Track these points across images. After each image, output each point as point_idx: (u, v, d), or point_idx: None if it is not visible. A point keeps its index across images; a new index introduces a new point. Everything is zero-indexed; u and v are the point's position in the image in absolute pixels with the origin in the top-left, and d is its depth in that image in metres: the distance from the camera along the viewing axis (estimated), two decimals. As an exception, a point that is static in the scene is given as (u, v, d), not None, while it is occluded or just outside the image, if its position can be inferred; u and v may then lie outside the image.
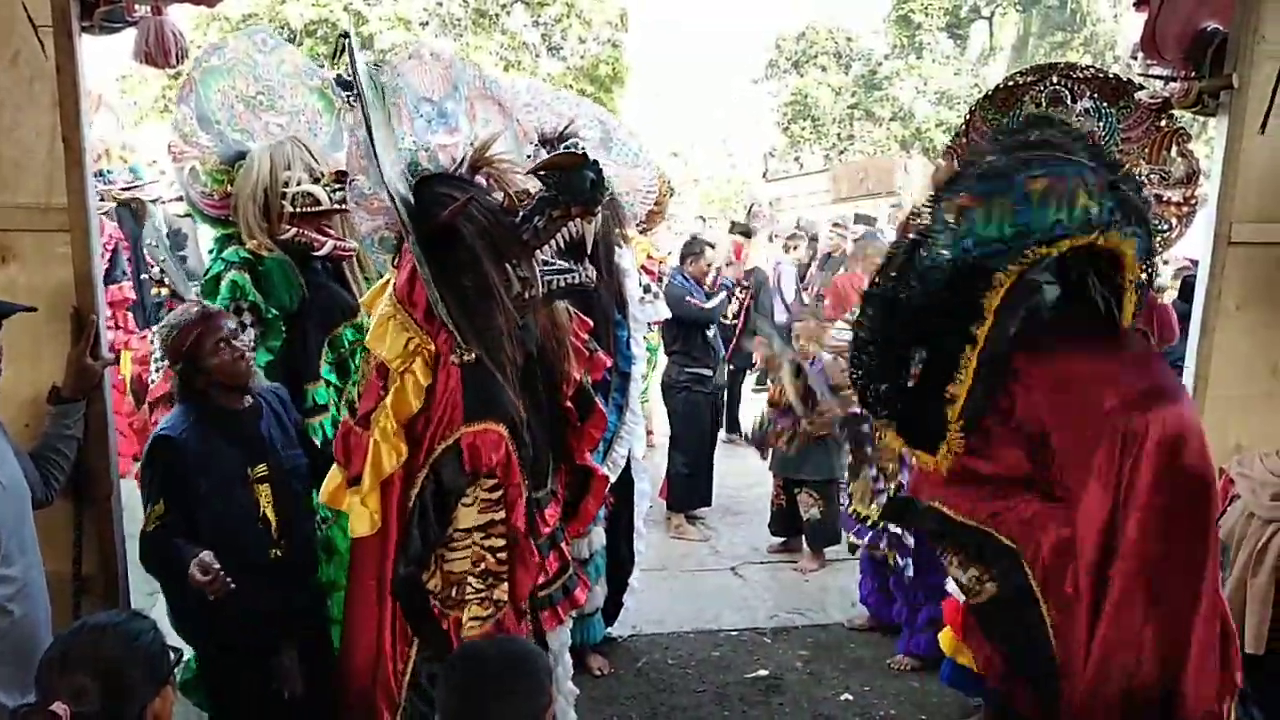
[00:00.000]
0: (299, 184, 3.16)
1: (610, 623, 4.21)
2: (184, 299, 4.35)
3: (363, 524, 2.48)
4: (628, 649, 4.34)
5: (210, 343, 2.61)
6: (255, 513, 2.64)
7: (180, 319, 2.68)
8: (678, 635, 4.50)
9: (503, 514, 2.47)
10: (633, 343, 3.93)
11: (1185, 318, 3.35)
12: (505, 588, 2.50)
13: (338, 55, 2.50)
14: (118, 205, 5.36)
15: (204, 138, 3.29)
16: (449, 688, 1.83)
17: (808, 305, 6.95)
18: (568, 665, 3.06)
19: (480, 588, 2.46)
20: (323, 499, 2.62)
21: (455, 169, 2.59)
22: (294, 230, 3.19)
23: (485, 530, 2.46)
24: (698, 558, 5.63)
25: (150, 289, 5.51)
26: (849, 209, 12.62)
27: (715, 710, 3.82)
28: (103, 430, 2.76)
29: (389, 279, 2.65)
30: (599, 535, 3.86)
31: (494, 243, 2.42)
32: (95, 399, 2.71)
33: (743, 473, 7.23)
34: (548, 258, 2.63)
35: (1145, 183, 2.86)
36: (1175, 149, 3.04)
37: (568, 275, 2.59)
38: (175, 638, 2.28)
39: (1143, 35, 3.19)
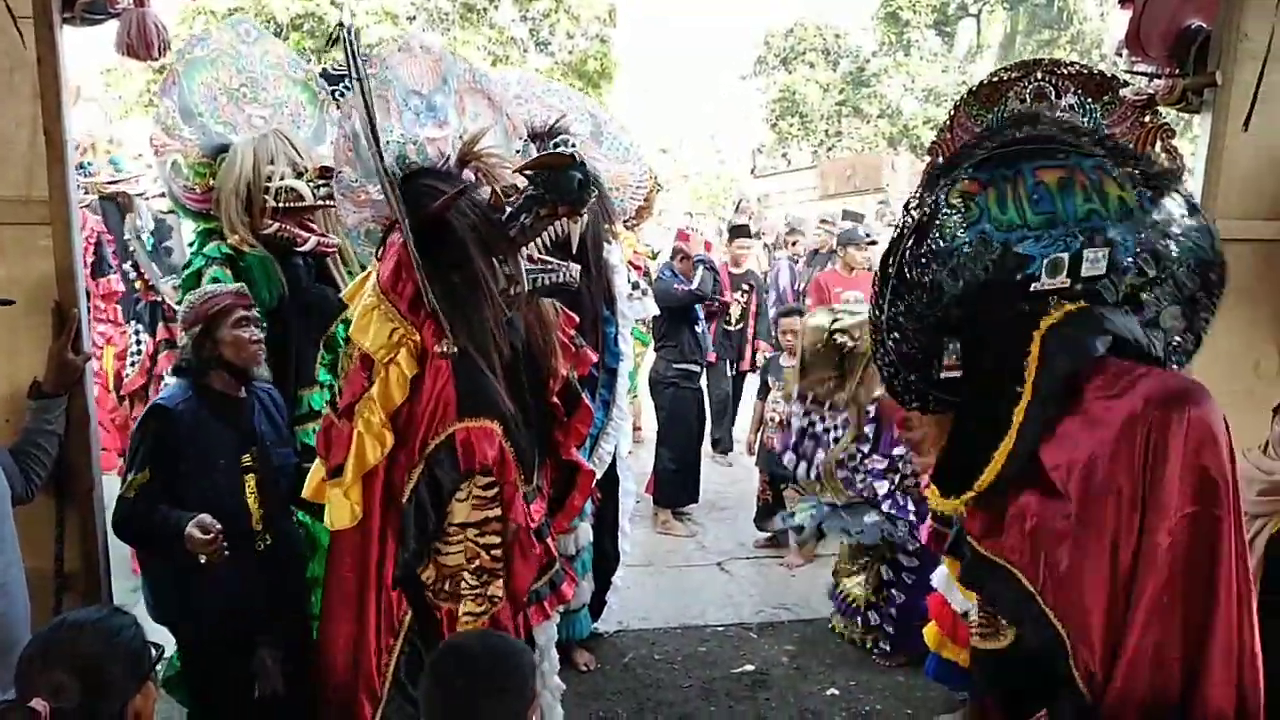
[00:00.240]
0: (282, 178, 3.14)
1: (595, 618, 4.21)
2: (159, 292, 4.31)
3: (344, 516, 2.47)
4: (614, 644, 4.34)
5: (232, 316, 2.66)
6: (239, 499, 2.64)
7: (214, 288, 2.75)
8: (664, 630, 4.51)
9: (498, 511, 2.46)
10: (620, 339, 3.93)
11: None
12: (500, 584, 2.49)
13: (331, 44, 2.48)
14: (102, 198, 5.31)
15: (186, 131, 3.26)
16: (434, 683, 1.82)
17: (793, 303, 6.97)
18: (554, 660, 3.06)
19: (475, 584, 2.46)
20: (306, 494, 2.61)
21: (443, 163, 2.58)
22: (276, 225, 3.17)
23: (480, 527, 2.45)
24: (684, 553, 5.63)
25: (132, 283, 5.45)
26: (836, 205, 12.64)
27: (701, 705, 3.82)
28: (84, 425, 2.74)
29: (371, 271, 2.64)
30: (586, 531, 3.86)
31: (482, 238, 2.43)
32: (77, 393, 2.69)
33: (729, 468, 7.26)
34: (533, 254, 2.63)
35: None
36: (1159, 145, 3.05)
37: (552, 274, 2.60)
38: (156, 633, 2.26)
39: (1127, 32, 3.22)
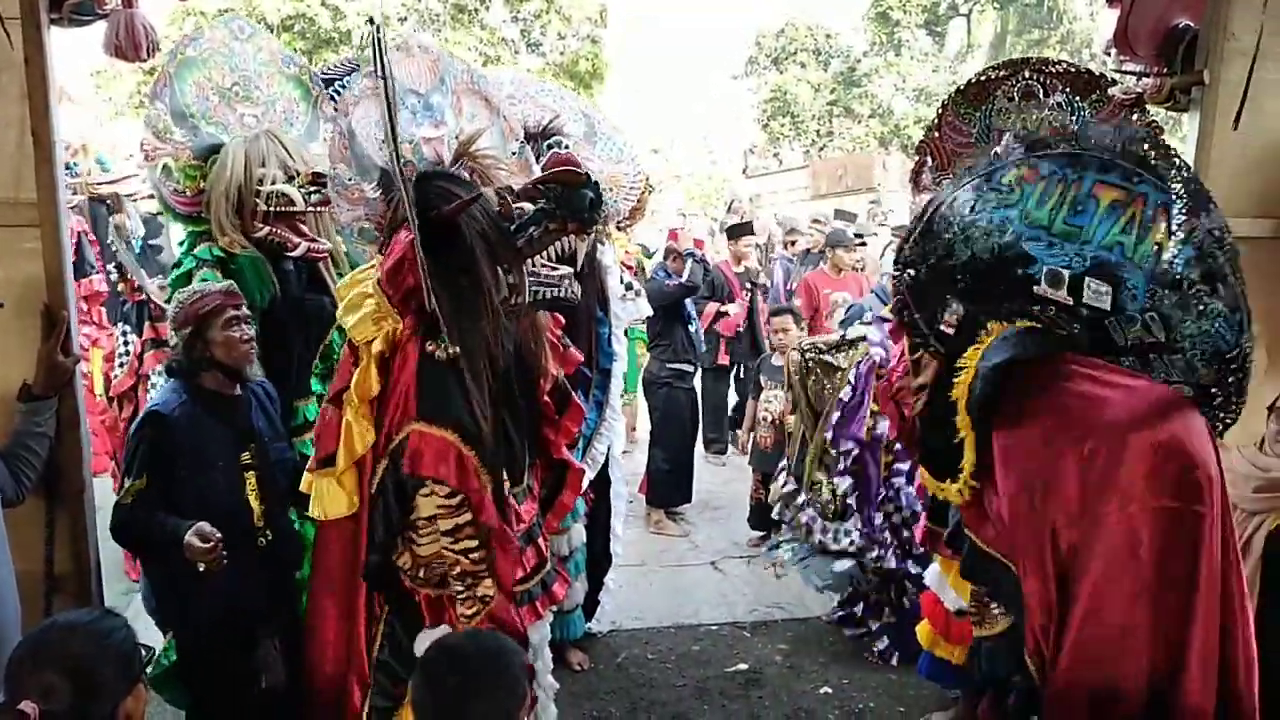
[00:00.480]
0: (274, 182, 3.12)
1: (589, 619, 4.21)
2: (146, 291, 4.29)
3: (339, 505, 2.47)
4: (607, 644, 4.34)
5: (223, 316, 2.64)
6: (240, 498, 2.64)
7: (203, 287, 2.72)
8: (657, 630, 4.51)
9: (468, 516, 2.42)
10: (614, 340, 3.93)
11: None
12: (489, 583, 2.48)
13: (361, 43, 2.45)
14: (91, 200, 5.29)
15: (178, 134, 3.23)
16: (425, 683, 1.82)
17: (786, 304, 6.97)
18: (547, 660, 3.05)
19: (462, 589, 2.45)
20: (305, 487, 2.60)
21: (440, 164, 2.57)
22: (267, 229, 3.15)
23: (454, 535, 2.42)
24: (677, 553, 5.64)
25: (115, 284, 5.43)
26: (828, 205, 12.65)
27: (695, 704, 3.83)
28: (74, 427, 2.74)
29: (364, 268, 2.63)
30: (579, 532, 3.85)
31: (490, 246, 2.42)
32: (66, 396, 2.69)
33: (722, 468, 7.27)
34: (535, 266, 2.62)
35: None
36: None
37: (553, 289, 2.59)
38: (147, 636, 2.26)
39: (1115, 31, 3.23)
